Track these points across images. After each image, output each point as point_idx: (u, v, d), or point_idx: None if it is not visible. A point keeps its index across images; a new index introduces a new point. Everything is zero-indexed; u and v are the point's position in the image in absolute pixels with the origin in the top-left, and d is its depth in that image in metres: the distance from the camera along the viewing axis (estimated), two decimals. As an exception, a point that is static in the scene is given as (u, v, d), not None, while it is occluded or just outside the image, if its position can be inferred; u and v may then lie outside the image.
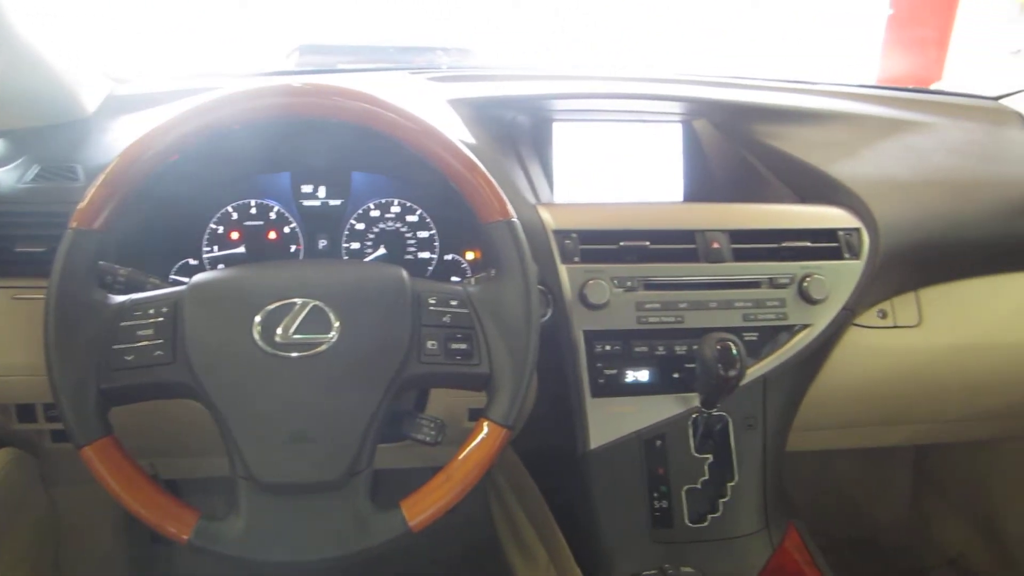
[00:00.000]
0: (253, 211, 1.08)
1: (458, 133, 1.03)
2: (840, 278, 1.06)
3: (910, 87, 1.59)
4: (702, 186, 1.25)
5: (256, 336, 0.75)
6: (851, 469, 1.78)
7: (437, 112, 1.09)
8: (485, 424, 0.80)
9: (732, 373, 0.92)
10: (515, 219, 0.83)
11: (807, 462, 1.55)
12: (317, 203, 1.10)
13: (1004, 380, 1.27)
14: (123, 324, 0.76)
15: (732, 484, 1.02)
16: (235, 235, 1.07)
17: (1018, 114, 1.49)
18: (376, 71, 1.51)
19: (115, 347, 0.75)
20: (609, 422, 1.01)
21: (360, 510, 0.77)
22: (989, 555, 1.69)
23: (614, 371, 1.01)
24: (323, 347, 0.76)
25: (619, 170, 1.25)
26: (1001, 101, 1.55)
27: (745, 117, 1.27)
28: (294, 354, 0.75)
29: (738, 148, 1.25)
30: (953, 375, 1.21)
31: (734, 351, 0.92)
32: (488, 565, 1.47)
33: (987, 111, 1.52)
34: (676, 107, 1.27)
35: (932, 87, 1.63)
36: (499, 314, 0.81)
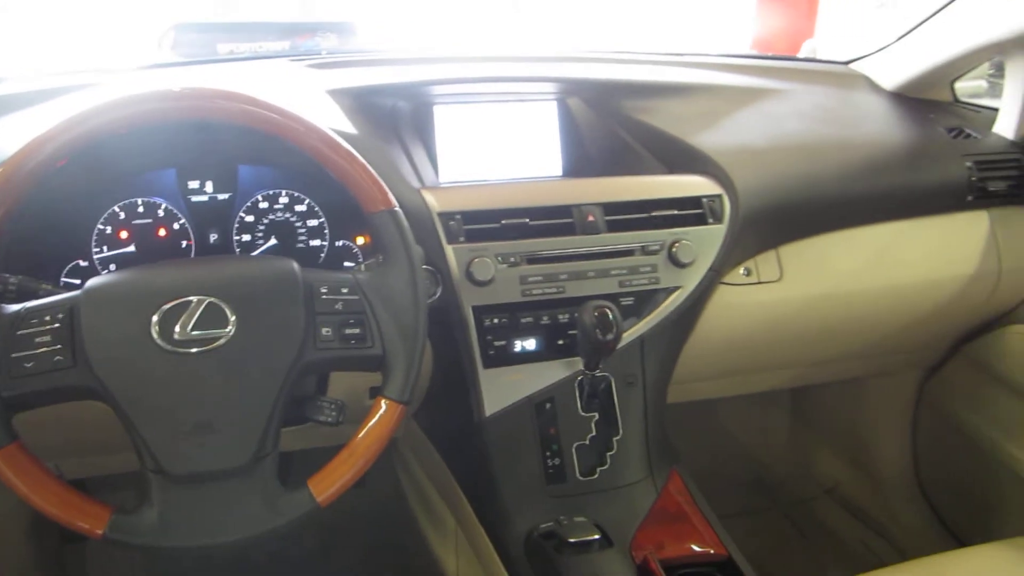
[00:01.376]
0: (141, 209, 1.09)
1: (338, 124, 1.07)
2: (706, 242, 1.14)
3: (767, 55, 1.70)
4: (579, 161, 1.32)
5: (155, 335, 0.78)
6: (734, 415, 1.91)
7: (316, 104, 1.12)
8: (383, 402, 0.85)
9: (610, 337, 0.99)
10: (397, 208, 0.87)
11: (693, 412, 1.66)
12: (205, 198, 1.11)
13: (860, 324, 1.39)
14: (20, 332, 0.77)
15: (617, 438, 1.10)
16: (124, 234, 1.08)
17: (865, 77, 1.62)
18: (257, 59, 1.52)
19: (14, 355, 0.76)
20: (501, 390, 1.08)
21: (269, 491, 0.82)
22: (862, 483, 1.85)
23: (503, 342, 1.07)
24: (221, 341, 0.79)
25: (500, 149, 1.30)
26: (851, 65, 1.68)
27: (614, 94, 1.34)
28: (194, 350, 0.78)
29: (610, 123, 1.32)
30: (814, 323, 1.33)
31: (610, 316, 1.00)
32: (402, 537, 1.53)
33: (838, 76, 1.64)
34: (549, 87, 1.33)
35: (802, 51, 1.74)
36: (388, 298, 0.86)
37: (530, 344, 1.08)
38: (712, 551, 1.03)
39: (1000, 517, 1.55)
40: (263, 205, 1.12)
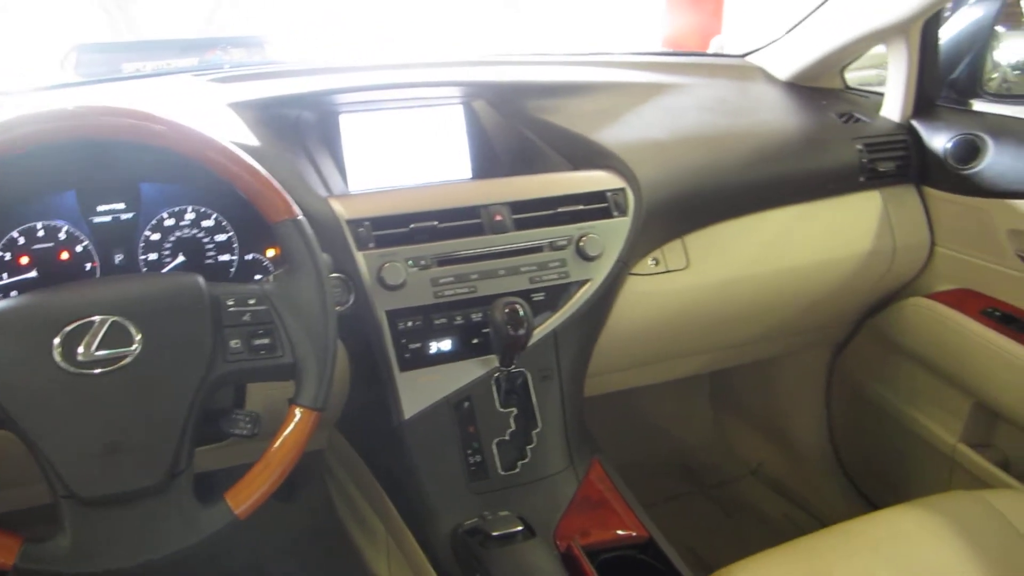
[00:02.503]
0: (41, 233, 1.07)
1: (239, 136, 1.06)
2: (612, 235, 1.18)
3: (668, 51, 1.75)
4: (487, 163, 1.34)
5: (57, 358, 0.77)
6: (656, 403, 1.96)
7: (217, 117, 1.11)
8: (296, 410, 0.86)
9: (521, 332, 1.02)
10: (300, 216, 0.88)
11: (616, 403, 1.69)
12: (108, 218, 1.10)
13: (767, 306, 1.45)
14: None
15: (536, 431, 1.12)
16: (25, 260, 1.06)
17: (761, 69, 1.68)
18: (158, 76, 1.50)
19: None
20: (419, 392, 1.09)
21: (186, 508, 0.81)
22: (782, 460, 1.92)
23: (418, 344, 1.08)
24: (127, 360, 0.79)
25: (409, 155, 1.32)
26: (747, 58, 1.74)
27: (518, 95, 1.37)
28: (98, 370, 0.78)
29: (515, 124, 1.34)
30: (722, 307, 1.38)
31: (521, 312, 1.02)
32: (335, 548, 1.53)
33: (735, 69, 1.70)
34: (454, 90, 1.34)
35: (711, 47, 1.80)
36: (296, 307, 0.87)
37: (445, 345, 1.10)
38: (634, 534, 1.05)
39: (910, 481, 1.62)
40: (169, 222, 1.11)
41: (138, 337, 0.80)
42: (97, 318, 0.79)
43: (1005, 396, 1.40)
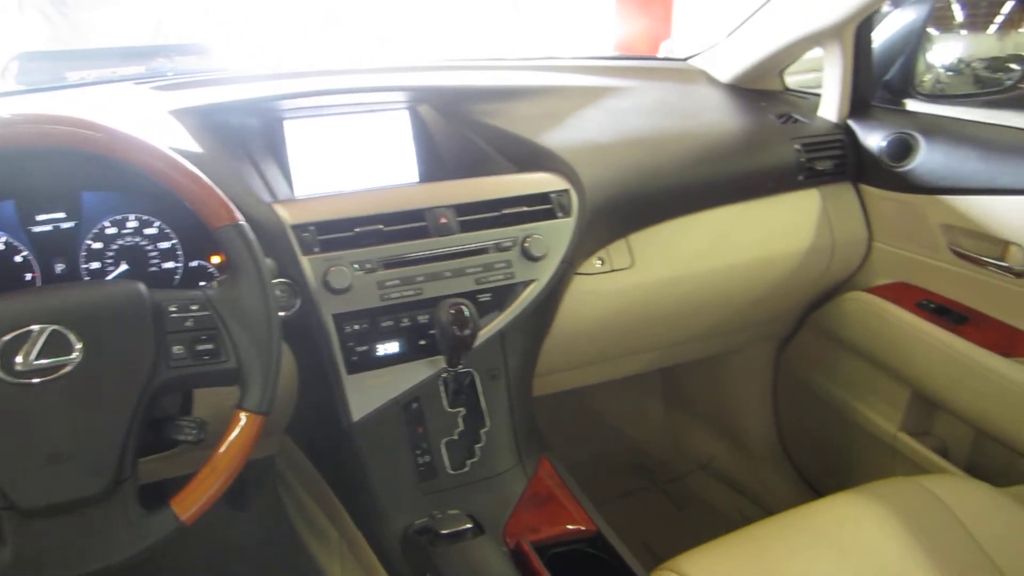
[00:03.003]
0: None
1: (181, 143, 1.06)
2: (556, 235, 1.20)
3: (613, 55, 1.78)
4: (433, 167, 1.35)
5: None
6: (609, 402, 1.98)
7: (158, 125, 1.11)
8: (242, 414, 0.86)
9: (467, 332, 1.03)
10: (242, 222, 0.88)
11: (569, 402, 1.71)
12: (48, 228, 1.08)
13: (711, 303, 1.48)
14: None
15: (485, 430, 1.13)
16: None
17: (703, 72, 1.72)
18: (100, 84, 1.48)
19: None
20: (367, 394, 1.09)
21: (131, 516, 0.81)
22: (732, 454, 1.95)
23: (365, 347, 1.09)
24: (67, 369, 0.78)
25: (355, 160, 1.32)
26: (689, 61, 1.77)
27: (463, 99, 1.38)
28: (37, 380, 0.77)
29: (460, 128, 1.36)
30: (667, 305, 1.40)
31: (466, 312, 1.03)
32: (289, 555, 1.53)
33: (678, 72, 1.73)
34: (399, 95, 1.35)
35: (660, 51, 1.83)
36: (239, 311, 0.87)
37: (392, 347, 1.10)
38: (583, 528, 1.07)
39: (854, 469, 1.66)
40: (111, 231, 1.10)
41: (78, 345, 0.79)
42: (36, 327, 0.79)
43: (939, 385, 1.45)
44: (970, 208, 1.37)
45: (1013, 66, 1.57)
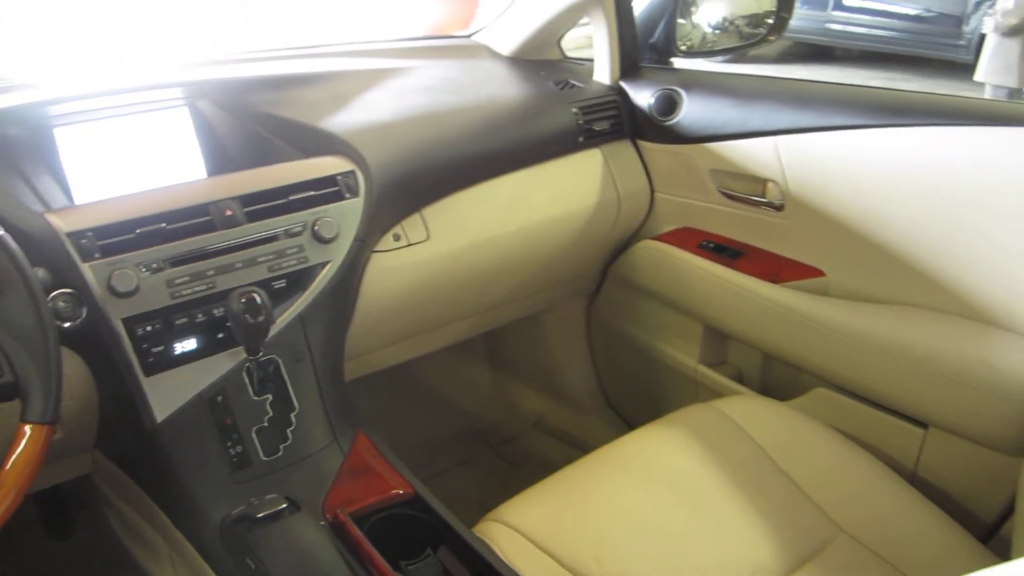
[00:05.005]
0: None
1: None
2: (346, 216, 1.22)
3: (399, 38, 1.81)
4: (221, 162, 1.35)
5: None
6: (438, 374, 2.03)
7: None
8: (26, 427, 0.84)
9: (260, 319, 1.04)
10: (2, 233, 0.86)
11: (397, 378, 1.75)
12: None
13: (511, 266, 1.55)
14: None
15: (295, 413, 1.15)
16: None
17: (486, 47, 1.78)
18: None
19: None
20: (168, 393, 1.09)
21: None
22: (560, 409, 2.05)
23: (161, 347, 1.08)
24: None
25: (138, 162, 1.30)
26: (473, 37, 1.83)
27: (243, 92, 1.38)
28: None
29: (243, 120, 1.36)
30: (469, 272, 1.46)
31: (258, 300, 1.04)
32: (120, 573, 1.49)
33: (463, 48, 1.79)
34: (175, 92, 1.34)
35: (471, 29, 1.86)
36: (10, 324, 0.85)
37: (190, 344, 1.10)
38: (401, 492, 1.11)
39: (664, 405, 1.79)
40: None
41: None
42: None
43: (725, 316, 1.59)
44: (730, 152, 1.50)
45: (768, 20, 1.72)
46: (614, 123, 1.61)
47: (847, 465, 1.29)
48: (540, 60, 1.74)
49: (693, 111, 1.54)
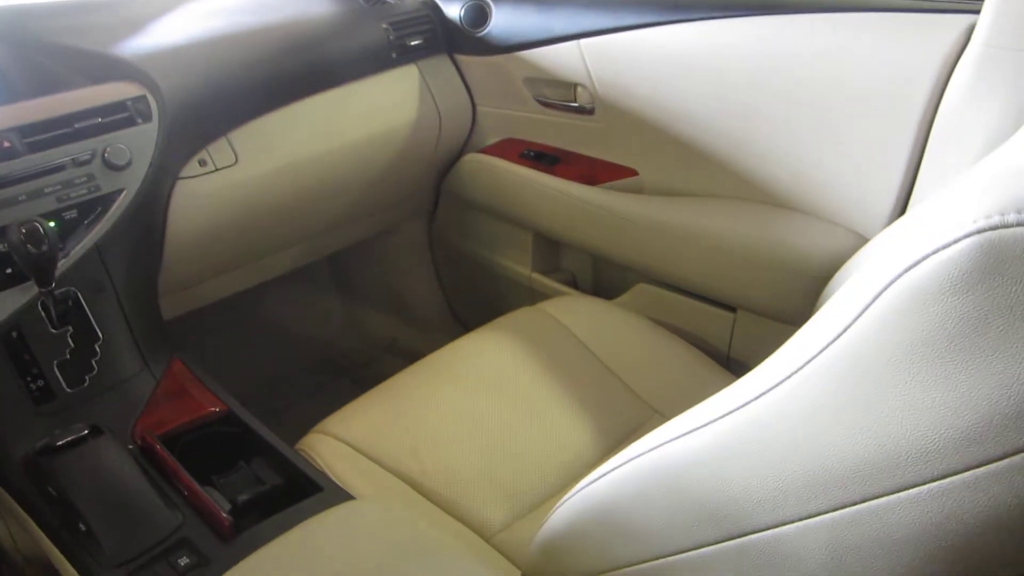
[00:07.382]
0: None
1: None
2: (140, 142, 1.19)
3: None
4: (5, 97, 1.28)
5: None
6: (285, 304, 2.02)
7: None
8: None
9: (44, 249, 1.02)
10: None
11: (242, 312, 1.74)
12: None
13: (333, 186, 1.54)
14: None
15: (99, 343, 1.14)
16: None
17: None
18: None
19: None
20: None
21: None
22: (411, 330, 2.08)
23: None
24: None
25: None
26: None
27: (21, 20, 1.32)
28: None
29: (25, 52, 1.30)
30: (288, 195, 1.45)
31: (41, 230, 1.02)
32: None
33: None
34: None
35: None
36: None
37: None
38: (216, 410, 1.12)
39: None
40: None
41: None
42: None
43: (552, 223, 1.63)
44: (540, 59, 1.53)
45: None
46: (428, 38, 1.61)
47: (662, 353, 1.36)
48: (351, -22, 1.71)
49: (501, 20, 1.56)
